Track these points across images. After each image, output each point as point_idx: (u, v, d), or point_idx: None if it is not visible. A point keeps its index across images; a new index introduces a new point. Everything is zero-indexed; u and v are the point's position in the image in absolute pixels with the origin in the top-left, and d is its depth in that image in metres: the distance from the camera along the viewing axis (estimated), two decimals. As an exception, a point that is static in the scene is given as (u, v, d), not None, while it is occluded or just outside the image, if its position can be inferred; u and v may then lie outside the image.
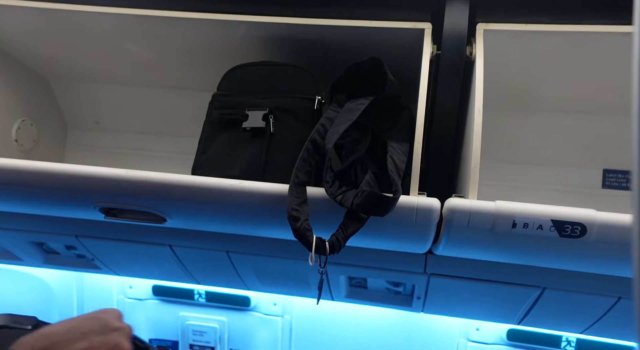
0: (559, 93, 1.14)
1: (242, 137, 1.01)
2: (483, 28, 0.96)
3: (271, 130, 0.99)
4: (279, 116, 1.00)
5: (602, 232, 0.77)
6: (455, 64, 0.94)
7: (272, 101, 1.02)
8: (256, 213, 0.92)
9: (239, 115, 1.02)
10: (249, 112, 1.01)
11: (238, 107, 1.03)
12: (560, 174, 1.21)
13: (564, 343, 1.41)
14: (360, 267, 1.17)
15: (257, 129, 1.00)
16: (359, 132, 0.94)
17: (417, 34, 0.97)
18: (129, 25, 1.10)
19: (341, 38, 1.03)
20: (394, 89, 0.91)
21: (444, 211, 0.83)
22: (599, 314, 1.11)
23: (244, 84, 1.06)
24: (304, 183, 0.83)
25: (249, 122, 1.00)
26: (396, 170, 0.83)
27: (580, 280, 1.01)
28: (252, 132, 1.00)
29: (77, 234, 1.24)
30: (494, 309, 1.24)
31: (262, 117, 1.00)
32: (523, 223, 0.79)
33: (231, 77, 1.08)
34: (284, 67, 1.06)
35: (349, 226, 0.80)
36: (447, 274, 1.11)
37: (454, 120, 0.93)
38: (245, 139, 1.00)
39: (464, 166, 0.92)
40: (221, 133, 1.03)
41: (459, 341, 1.52)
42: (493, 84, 0.93)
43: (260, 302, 1.62)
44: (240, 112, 1.02)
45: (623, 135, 1.14)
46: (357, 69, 0.91)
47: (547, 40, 0.98)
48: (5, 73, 1.29)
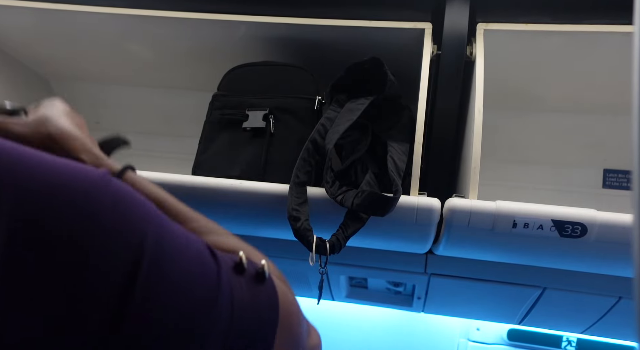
0: (559, 93, 1.14)
1: (243, 137, 1.01)
2: (483, 28, 0.96)
3: (271, 130, 0.99)
4: (279, 116, 1.00)
5: (603, 232, 0.77)
6: (455, 64, 0.94)
7: (273, 101, 1.02)
8: (256, 213, 0.92)
9: (239, 115, 1.02)
10: (249, 112, 1.01)
11: (238, 107, 1.03)
12: (560, 174, 1.21)
13: (565, 343, 1.41)
14: (360, 267, 1.17)
15: (258, 129, 0.99)
16: (359, 132, 0.94)
17: (417, 34, 0.97)
18: (129, 25, 1.10)
19: (341, 38, 1.03)
20: (394, 89, 0.91)
21: (445, 211, 0.83)
22: (600, 314, 1.11)
23: (245, 84, 1.05)
24: (304, 183, 0.83)
25: (249, 122, 1.00)
26: (396, 170, 0.83)
27: (581, 280, 1.01)
28: (252, 132, 1.00)
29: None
30: (495, 309, 1.24)
31: (262, 117, 1.00)
32: (523, 223, 0.79)
33: (231, 77, 1.08)
34: (284, 67, 1.06)
35: (349, 226, 0.80)
36: (447, 274, 1.11)
37: (454, 120, 0.93)
38: (245, 139, 1.00)
39: (464, 166, 0.92)
40: (221, 133, 1.03)
41: (460, 341, 1.52)
42: (493, 84, 0.93)
43: (261, 302, 1.62)
44: (241, 112, 1.02)
45: (623, 135, 1.14)
46: (357, 69, 0.91)
47: (548, 40, 0.98)
48: (5, 73, 1.29)
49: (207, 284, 0.35)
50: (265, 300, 0.40)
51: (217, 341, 0.35)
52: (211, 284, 0.35)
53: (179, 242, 0.35)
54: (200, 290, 0.34)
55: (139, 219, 0.33)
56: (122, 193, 0.34)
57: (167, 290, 0.32)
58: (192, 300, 0.34)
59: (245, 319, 0.37)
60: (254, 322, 0.38)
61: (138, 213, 0.34)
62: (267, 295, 0.40)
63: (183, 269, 0.34)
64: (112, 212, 0.32)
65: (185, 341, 0.33)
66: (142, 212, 0.34)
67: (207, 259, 0.37)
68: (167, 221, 0.36)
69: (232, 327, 0.36)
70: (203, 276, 0.35)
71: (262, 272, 0.41)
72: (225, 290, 0.36)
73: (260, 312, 0.39)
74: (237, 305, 0.36)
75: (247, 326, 0.37)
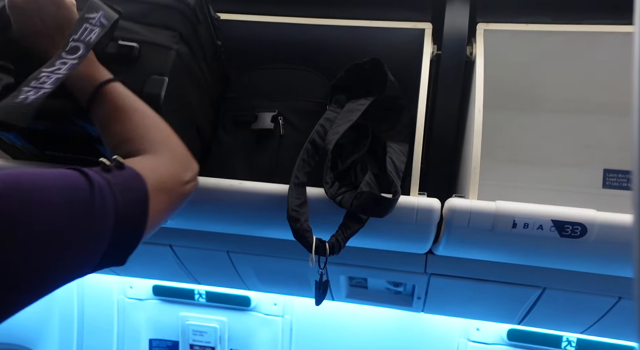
0: (559, 93, 1.14)
1: (253, 138, 1.00)
2: (483, 28, 0.96)
3: (281, 132, 0.99)
4: (289, 118, 1.00)
5: (603, 232, 0.77)
6: (455, 64, 0.94)
7: (283, 104, 1.02)
8: (256, 213, 0.92)
9: (248, 116, 1.01)
10: (258, 113, 1.01)
11: (248, 109, 1.03)
12: (560, 174, 1.21)
13: (565, 343, 1.41)
14: (360, 267, 1.17)
15: (267, 131, 0.99)
16: (359, 132, 0.94)
17: (417, 34, 0.97)
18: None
19: (341, 38, 1.03)
20: (394, 90, 0.91)
21: (444, 211, 0.83)
22: (600, 314, 1.11)
23: (255, 87, 1.05)
24: (304, 184, 0.83)
25: (258, 124, 1.00)
26: (395, 171, 0.83)
27: (581, 280, 1.01)
28: (261, 133, 1.00)
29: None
30: (495, 309, 1.24)
31: (271, 118, 0.99)
32: (523, 223, 0.79)
33: (242, 79, 1.08)
34: (295, 70, 1.06)
35: (348, 227, 0.80)
36: (447, 274, 1.11)
37: (454, 120, 0.93)
38: (255, 141, 1.00)
39: (464, 166, 0.92)
40: (232, 135, 1.03)
41: (460, 341, 1.52)
42: (493, 83, 0.93)
43: (261, 302, 1.62)
44: (250, 114, 1.02)
45: (623, 135, 1.14)
46: (357, 70, 0.91)
47: (548, 40, 0.98)
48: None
49: (81, 194, 0.51)
50: (129, 176, 0.57)
51: (111, 214, 0.52)
52: (84, 191, 0.51)
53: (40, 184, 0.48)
54: (77, 199, 0.50)
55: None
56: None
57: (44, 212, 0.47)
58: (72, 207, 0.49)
59: (122, 192, 0.54)
60: (128, 192, 0.55)
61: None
62: (129, 173, 0.57)
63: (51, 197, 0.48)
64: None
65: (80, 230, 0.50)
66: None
67: (74, 179, 0.52)
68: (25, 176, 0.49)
69: (117, 200, 0.53)
70: (75, 192, 0.50)
71: (120, 164, 0.57)
72: (97, 185, 0.52)
73: (130, 184, 0.56)
74: (114, 187, 0.54)
75: (127, 195, 0.55)
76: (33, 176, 0.48)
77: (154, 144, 0.65)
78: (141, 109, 0.70)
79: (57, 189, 0.49)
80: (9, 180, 0.45)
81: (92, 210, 0.51)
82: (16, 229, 0.44)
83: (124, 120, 0.67)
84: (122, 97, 0.68)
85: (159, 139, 0.67)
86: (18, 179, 0.47)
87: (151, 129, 0.68)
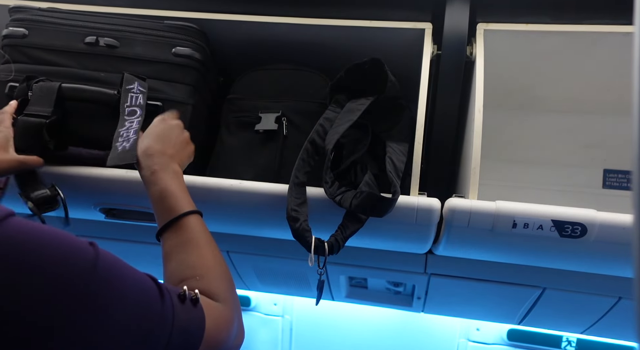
0: (559, 93, 1.14)
1: (256, 139, 1.00)
2: (483, 28, 0.96)
3: (284, 133, 0.99)
4: (293, 119, 1.00)
5: (603, 232, 0.77)
6: (455, 64, 0.94)
7: (286, 104, 1.02)
8: (256, 213, 0.92)
9: (252, 117, 1.01)
10: (262, 114, 1.01)
11: (252, 110, 1.03)
12: (560, 174, 1.21)
13: (565, 343, 1.41)
14: (360, 267, 1.17)
15: (271, 132, 0.99)
16: (359, 132, 0.94)
17: (417, 34, 0.97)
18: (129, 25, 1.10)
19: (341, 38, 1.03)
20: (394, 90, 0.91)
21: (444, 211, 0.83)
22: (600, 314, 1.11)
23: (258, 87, 1.05)
24: (304, 184, 0.83)
25: (262, 125, 1.00)
26: (395, 171, 0.83)
27: (581, 280, 1.01)
28: (265, 134, 1.00)
29: (77, 235, 1.24)
30: (495, 309, 1.25)
31: (274, 119, 0.99)
32: (523, 223, 0.79)
33: (245, 80, 1.08)
34: (298, 70, 1.05)
35: (348, 227, 0.80)
36: (447, 274, 1.11)
37: (454, 120, 0.93)
38: (259, 142, 1.00)
39: (464, 166, 0.92)
40: (236, 136, 1.03)
41: (459, 341, 1.52)
42: (493, 84, 0.93)
43: (261, 302, 1.62)
44: (254, 115, 1.02)
45: (623, 135, 1.14)
46: (357, 70, 0.91)
47: (548, 40, 0.98)
48: (6, 73, 1.29)
49: (153, 301, 0.54)
50: (195, 318, 0.58)
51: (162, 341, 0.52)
52: (156, 301, 0.54)
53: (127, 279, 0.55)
54: (152, 305, 0.53)
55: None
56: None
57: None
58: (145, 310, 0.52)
59: (180, 334, 0.54)
60: (184, 334, 0.55)
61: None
62: (197, 314, 0.58)
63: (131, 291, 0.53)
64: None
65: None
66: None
67: (150, 287, 0.56)
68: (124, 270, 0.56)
69: (172, 334, 0.53)
70: (148, 296, 0.54)
71: (196, 298, 0.59)
72: (168, 309, 0.54)
73: (190, 325, 0.57)
74: (176, 324, 0.54)
75: (182, 337, 0.55)
76: (123, 270, 0.55)
77: (223, 292, 0.66)
78: (213, 244, 0.73)
79: (134, 294, 0.53)
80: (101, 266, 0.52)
81: (152, 327, 0.52)
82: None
83: (193, 250, 0.70)
84: (196, 230, 0.72)
85: (227, 287, 0.68)
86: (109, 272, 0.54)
87: (218, 268, 0.70)
